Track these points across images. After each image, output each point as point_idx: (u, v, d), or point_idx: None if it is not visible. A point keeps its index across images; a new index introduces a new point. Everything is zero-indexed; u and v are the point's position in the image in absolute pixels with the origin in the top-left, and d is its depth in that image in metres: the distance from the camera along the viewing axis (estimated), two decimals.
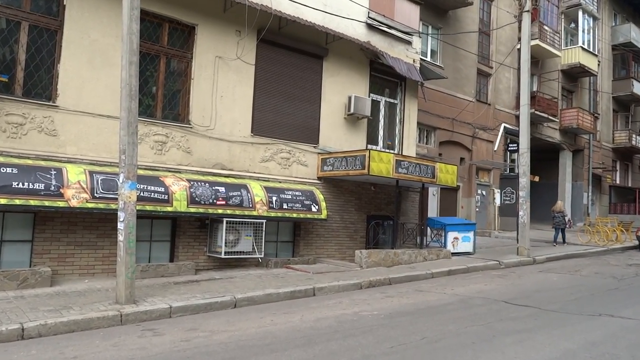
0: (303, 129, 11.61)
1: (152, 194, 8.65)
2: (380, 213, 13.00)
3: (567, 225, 18.77)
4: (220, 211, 9.43)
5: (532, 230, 18.18)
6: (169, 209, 8.79)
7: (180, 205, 8.90)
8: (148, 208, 8.55)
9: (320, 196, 11.22)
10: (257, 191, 10.10)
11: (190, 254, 9.70)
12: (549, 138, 25.08)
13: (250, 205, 9.84)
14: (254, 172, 10.70)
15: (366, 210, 12.72)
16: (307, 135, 11.69)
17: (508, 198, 19.93)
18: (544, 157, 26.00)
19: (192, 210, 9.06)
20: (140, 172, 8.57)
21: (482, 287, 9.05)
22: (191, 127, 9.80)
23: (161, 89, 9.61)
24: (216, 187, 9.52)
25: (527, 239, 13.47)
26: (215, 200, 9.37)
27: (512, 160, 23.01)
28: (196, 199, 9.12)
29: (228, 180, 10.00)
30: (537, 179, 21.75)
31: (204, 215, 9.33)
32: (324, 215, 11.10)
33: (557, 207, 17.65)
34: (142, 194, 8.45)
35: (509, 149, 20.74)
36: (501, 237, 19.29)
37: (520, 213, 13.62)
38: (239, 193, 9.79)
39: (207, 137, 10.00)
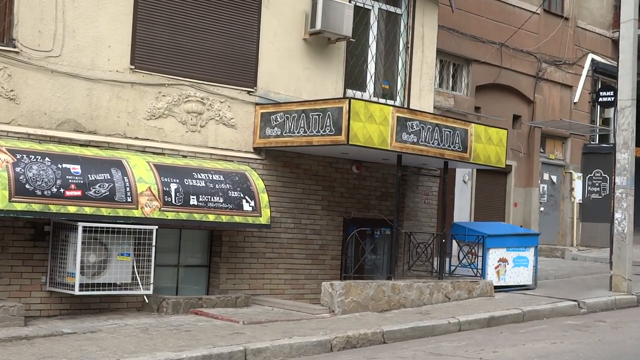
0: (228, 60, 11.61)
1: None
2: (369, 215, 13.13)
3: None
4: (72, 209, 9.40)
5: (637, 246, 18.66)
6: None
7: None
8: None
9: (259, 184, 11.28)
10: (142, 173, 10.11)
11: (16, 287, 9.64)
12: None
13: (129, 199, 9.85)
14: (137, 138, 10.72)
15: (343, 210, 12.85)
16: (236, 70, 11.70)
17: (596, 188, 20.16)
18: None
19: (19, 207, 8.99)
20: None
21: (547, 348, 9.17)
22: (17, 52, 9.70)
23: None
24: (65, 165, 9.47)
25: (629, 262, 13.71)
26: (62, 189, 9.31)
27: (606, 121, 23.46)
28: (27, 186, 9.05)
29: (87, 151, 9.96)
30: None
31: (40, 216, 9.31)
32: (264, 219, 11.17)
33: None
34: None
35: (600, 100, 20.93)
36: (582, 259, 19.59)
37: (617, 215, 13.86)
38: (107, 176, 9.75)
39: (47, 72, 9.92)
